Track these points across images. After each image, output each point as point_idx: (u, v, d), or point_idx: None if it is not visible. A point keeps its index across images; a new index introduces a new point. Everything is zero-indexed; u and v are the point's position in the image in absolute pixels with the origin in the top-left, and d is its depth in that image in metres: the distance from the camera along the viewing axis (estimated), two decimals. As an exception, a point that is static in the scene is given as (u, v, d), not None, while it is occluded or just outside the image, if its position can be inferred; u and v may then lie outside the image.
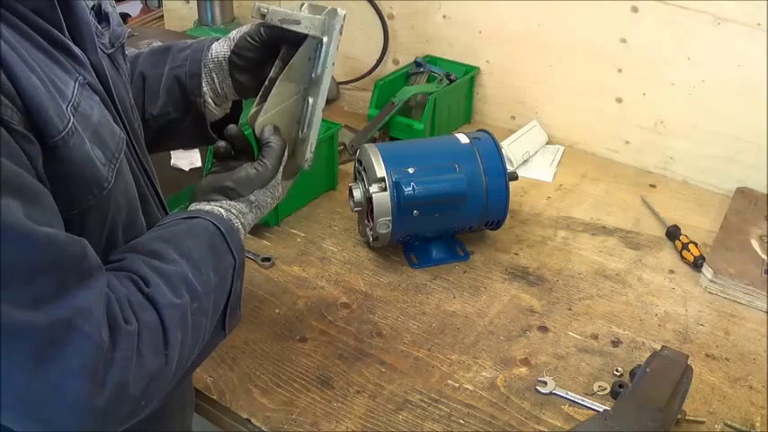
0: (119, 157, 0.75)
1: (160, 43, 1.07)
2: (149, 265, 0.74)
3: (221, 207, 0.87)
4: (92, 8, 0.85)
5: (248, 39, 0.98)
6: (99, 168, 0.71)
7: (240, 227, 0.87)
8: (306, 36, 0.93)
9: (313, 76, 0.94)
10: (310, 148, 0.97)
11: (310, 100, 0.96)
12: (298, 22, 0.92)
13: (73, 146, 0.67)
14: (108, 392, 0.62)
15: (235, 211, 0.88)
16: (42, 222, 0.61)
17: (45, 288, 0.60)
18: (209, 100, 1.01)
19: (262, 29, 0.96)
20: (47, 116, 0.64)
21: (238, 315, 0.87)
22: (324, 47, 0.94)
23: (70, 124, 0.67)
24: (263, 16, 0.92)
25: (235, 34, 1.00)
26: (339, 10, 0.94)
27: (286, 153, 0.94)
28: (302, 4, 0.95)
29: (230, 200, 0.88)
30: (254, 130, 0.94)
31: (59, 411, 0.60)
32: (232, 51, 0.99)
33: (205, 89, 1.00)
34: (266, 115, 0.94)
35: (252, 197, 0.90)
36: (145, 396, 0.67)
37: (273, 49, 0.96)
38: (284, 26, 0.92)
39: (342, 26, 0.94)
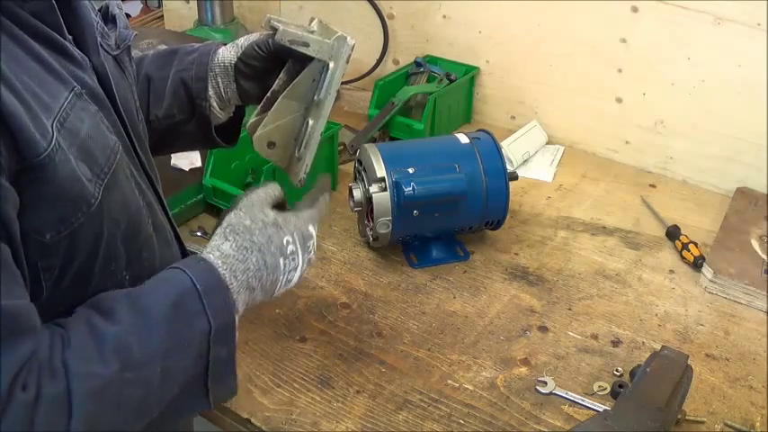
0: (108, 172, 0.72)
1: (162, 45, 1.07)
2: (89, 323, 0.68)
3: (211, 254, 0.80)
4: (99, 9, 0.84)
5: (256, 48, 0.98)
6: (85, 185, 0.69)
7: (228, 277, 0.77)
8: (313, 57, 0.93)
9: (315, 98, 0.95)
10: (305, 169, 0.98)
11: (310, 122, 0.96)
12: (306, 45, 0.92)
13: (58, 163, 0.65)
14: None
15: (215, 256, 0.79)
16: None
17: None
18: (214, 104, 1.01)
19: (270, 40, 0.96)
20: (29, 135, 0.62)
21: (229, 385, 0.78)
22: (329, 72, 0.94)
23: (53, 142, 0.65)
24: (274, 31, 0.92)
25: (243, 41, 1.01)
26: (349, 39, 0.94)
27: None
28: (312, 19, 0.96)
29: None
30: (252, 140, 0.96)
31: None
32: (238, 58, 1.00)
33: (210, 93, 1.01)
34: (265, 129, 0.95)
35: (226, 221, 0.82)
36: None
37: (280, 60, 0.96)
38: (293, 47, 0.92)
39: (349, 55, 0.95)
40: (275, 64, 0.97)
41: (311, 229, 0.89)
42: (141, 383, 0.68)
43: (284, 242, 0.84)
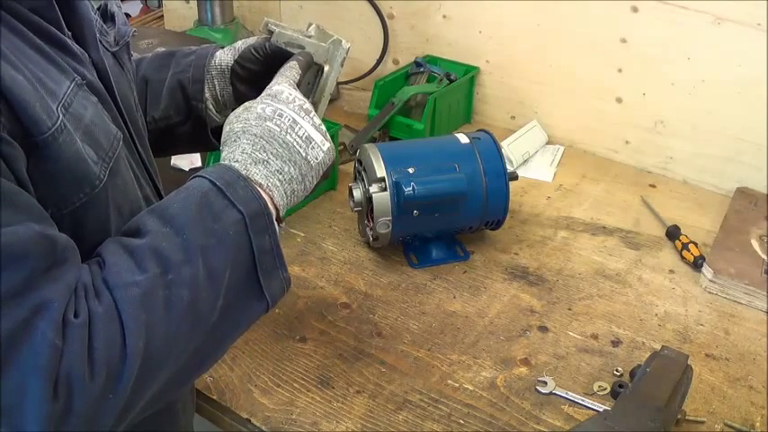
0: (113, 156, 0.74)
1: (160, 47, 1.08)
2: (118, 243, 0.69)
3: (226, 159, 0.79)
4: (98, 8, 0.85)
5: (252, 51, 0.99)
6: (90, 166, 0.70)
7: (238, 167, 0.77)
8: None
9: (310, 101, 0.95)
10: None
11: None
12: (302, 48, 0.93)
13: (62, 143, 0.67)
14: (61, 391, 0.59)
15: (238, 155, 0.79)
16: (14, 222, 0.60)
17: (8, 284, 0.58)
18: (211, 106, 1.02)
19: (267, 44, 0.97)
20: (34, 113, 0.64)
21: (282, 276, 0.77)
22: (324, 75, 0.95)
23: (59, 122, 0.66)
24: (271, 34, 0.93)
25: (240, 45, 1.02)
26: (344, 42, 0.95)
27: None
28: (310, 25, 0.96)
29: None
30: None
31: (25, 414, 0.58)
32: (235, 61, 1.01)
33: (207, 95, 1.01)
34: None
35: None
36: (113, 391, 0.62)
37: (276, 63, 0.97)
38: (288, 49, 0.93)
39: (344, 58, 0.96)
40: (271, 68, 0.97)
41: (282, 86, 0.85)
42: (186, 283, 0.68)
43: (260, 110, 0.82)
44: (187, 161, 1.49)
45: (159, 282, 0.67)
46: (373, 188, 1.24)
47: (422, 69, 1.77)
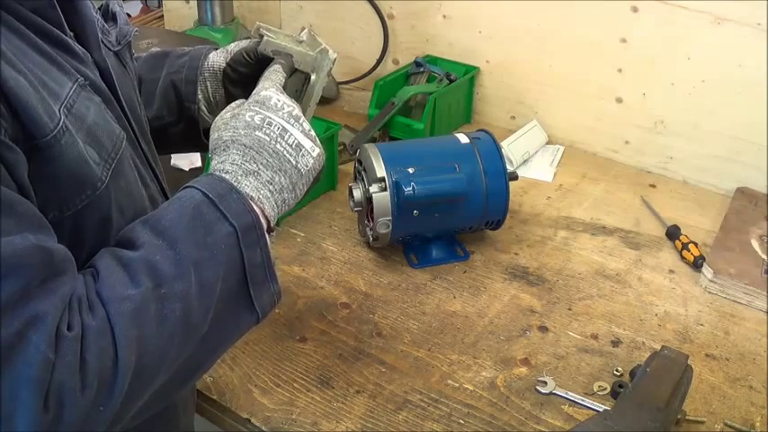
0: (115, 157, 0.74)
1: (157, 48, 1.08)
2: (112, 255, 0.69)
3: (218, 167, 0.79)
4: (99, 8, 0.85)
5: (244, 54, 1.00)
6: (92, 168, 0.70)
7: (232, 178, 0.77)
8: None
9: None
10: None
11: None
12: (289, 56, 0.93)
13: (65, 145, 0.66)
14: (52, 403, 0.59)
15: (229, 165, 0.78)
16: (12, 231, 0.60)
17: (2, 295, 0.58)
18: (203, 107, 1.03)
19: (258, 48, 0.97)
20: (36, 116, 0.64)
21: (272, 290, 0.77)
22: (310, 83, 0.95)
23: (61, 124, 0.66)
24: (262, 38, 0.94)
25: (233, 47, 1.02)
26: (331, 52, 0.96)
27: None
28: (302, 29, 0.97)
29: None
30: None
31: (15, 424, 0.58)
32: (227, 63, 1.01)
33: (199, 96, 1.02)
34: None
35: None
36: (103, 403, 0.62)
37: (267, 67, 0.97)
38: (276, 57, 0.93)
39: (331, 68, 0.97)
40: (263, 71, 0.97)
41: (270, 92, 0.85)
42: (178, 297, 0.68)
43: (249, 118, 0.81)
44: (187, 161, 1.49)
45: (152, 296, 0.66)
46: (373, 188, 1.24)
47: (422, 69, 1.77)
